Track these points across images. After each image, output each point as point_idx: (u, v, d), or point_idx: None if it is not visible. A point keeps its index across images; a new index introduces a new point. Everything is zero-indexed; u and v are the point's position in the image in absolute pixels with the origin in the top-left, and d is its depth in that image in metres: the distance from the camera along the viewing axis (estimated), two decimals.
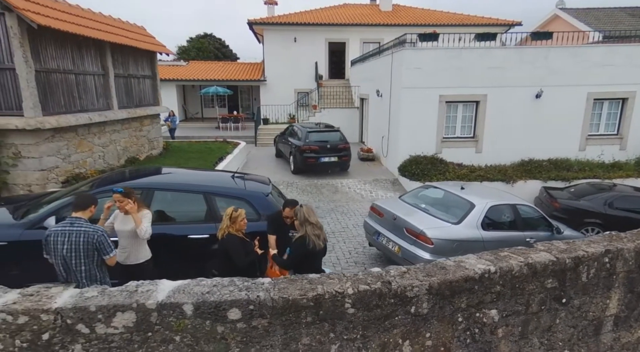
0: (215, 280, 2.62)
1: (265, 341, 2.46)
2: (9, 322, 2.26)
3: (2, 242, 3.49)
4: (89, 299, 2.38)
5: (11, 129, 5.75)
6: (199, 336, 2.41)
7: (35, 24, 5.43)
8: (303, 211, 3.07)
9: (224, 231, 3.07)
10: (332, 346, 2.53)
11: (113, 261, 2.75)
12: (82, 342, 2.34)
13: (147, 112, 9.31)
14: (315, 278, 2.66)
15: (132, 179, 4.22)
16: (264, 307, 2.40)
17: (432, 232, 4.37)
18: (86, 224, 2.65)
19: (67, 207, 3.67)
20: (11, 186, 6.10)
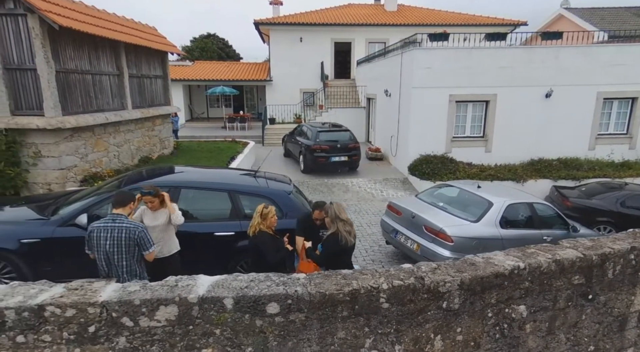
0: (251, 275, 2.69)
1: (302, 335, 2.52)
2: (57, 315, 2.34)
3: (36, 239, 3.57)
4: (133, 293, 2.45)
5: (32, 128, 5.85)
6: (238, 329, 2.47)
7: (56, 25, 5.52)
8: (334, 208, 3.13)
9: (255, 228, 3.13)
10: (366, 340, 2.59)
11: (152, 256, 2.82)
12: (126, 335, 2.41)
13: (159, 112, 9.40)
14: (348, 274, 2.73)
15: (156, 177, 4.29)
16: (302, 301, 2.46)
17: (452, 230, 4.43)
18: (127, 220, 2.72)
19: (97, 205, 3.75)
20: (31, 185, 6.20)
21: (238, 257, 3.95)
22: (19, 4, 5.54)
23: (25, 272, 3.56)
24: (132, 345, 2.43)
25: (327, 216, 3.14)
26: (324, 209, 3.20)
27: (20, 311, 2.30)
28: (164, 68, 10.08)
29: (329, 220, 3.12)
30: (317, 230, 3.74)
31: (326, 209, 3.17)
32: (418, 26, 21.13)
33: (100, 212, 3.70)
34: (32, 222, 3.72)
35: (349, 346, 2.58)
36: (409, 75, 9.83)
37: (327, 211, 3.15)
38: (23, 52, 5.80)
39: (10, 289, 2.48)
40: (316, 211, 3.62)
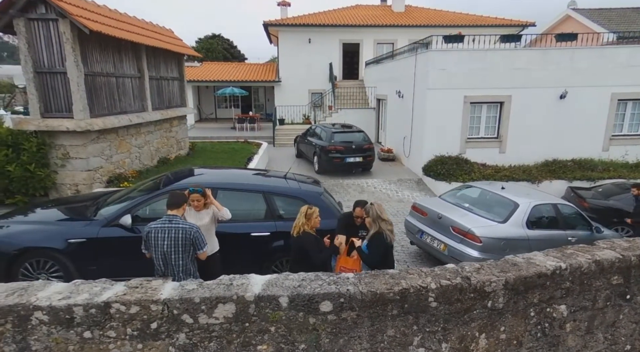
0: (301, 275, 2.77)
1: (353, 332, 2.60)
2: (122, 312, 2.43)
3: (82, 239, 3.68)
4: (192, 291, 2.55)
5: (61, 130, 5.97)
6: (292, 326, 2.56)
7: (87, 29, 5.63)
8: (375, 208, 3.21)
9: (299, 229, 3.21)
10: (414, 338, 2.67)
11: (204, 255, 2.92)
12: (186, 331, 2.50)
13: (177, 114, 9.52)
14: (395, 273, 2.80)
15: (191, 178, 4.39)
16: (354, 300, 2.55)
17: (480, 231, 4.50)
18: (182, 221, 2.82)
19: (139, 206, 3.86)
20: (59, 186, 6.33)
21: (273, 257, 4.04)
22: (51, 9, 5.67)
23: (72, 271, 3.67)
24: (191, 341, 2.53)
25: (367, 216, 3.22)
26: (364, 209, 3.28)
27: (87, 308, 2.40)
28: (180, 70, 10.21)
29: (370, 220, 3.20)
30: (357, 230, 3.83)
31: (367, 209, 3.25)
32: (426, 27, 21.18)
33: (141, 212, 3.81)
34: (78, 223, 3.82)
35: (397, 344, 2.66)
36: (424, 77, 9.89)
37: (367, 211, 3.22)
38: (53, 56, 5.93)
39: (75, 287, 2.58)
40: (357, 208, 3.70)
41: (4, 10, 5.48)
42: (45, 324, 2.38)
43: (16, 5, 5.47)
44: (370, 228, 3.21)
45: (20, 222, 3.94)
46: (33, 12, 5.72)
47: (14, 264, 3.61)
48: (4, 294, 2.45)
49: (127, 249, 3.78)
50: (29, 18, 5.69)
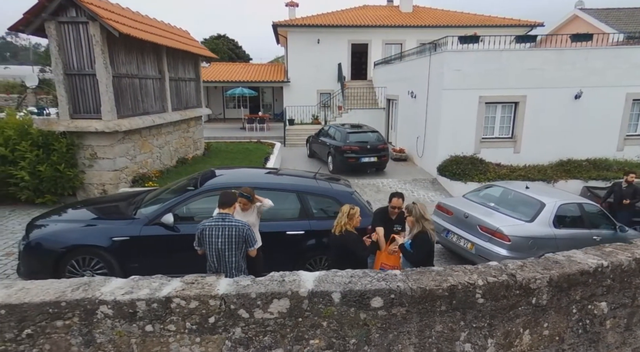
0: (349, 271, 2.85)
1: (402, 328, 2.68)
2: (182, 307, 2.52)
3: (125, 237, 3.78)
4: (247, 286, 2.63)
5: (90, 131, 6.09)
6: (344, 322, 2.64)
7: (117, 32, 5.75)
8: (418, 208, 3.27)
9: (341, 227, 3.29)
10: (461, 333, 2.74)
11: (254, 252, 3.01)
12: (241, 325, 2.59)
13: (194, 114, 9.63)
14: (441, 270, 2.87)
15: (226, 178, 4.48)
16: (404, 296, 2.62)
17: (509, 230, 4.56)
18: (235, 219, 2.91)
19: (178, 205, 3.96)
20: (87, 185, 6.45)
21: (306, 255, 4.13)
22: (82, 12, 5.78)
23: (115, 269, 3.77)
24: (247, 335, 2.61)
25: (410, 216, 3.28)
26: (407, 208, 3.34)
27: (150, 303, 2.48)
28: (196, 71, 10.32)
29: (413, 219, 3.26)
30: (392, 223, 3.93)
31: (410, 208, 3.32)
32: (434, 27, 21.20)
33: (179, 211, 3.91)
34: (122, 222, 3.93)
35: (445, 339, 2.73)
36: (439, 77, 9.94)
37: (410, 210, 3.29)
38: (82, 58, 6.04)
39: (134, 283, 2.67)
40: (394, 198, 3.82)
41: (37, 14, 5.61)
42: (109, 317, 2.48)
43: (48, 8, 5.59)
44: (413, 227, 3.27)
45: (63, 221, 4.05)
46: (64, 15, 5.83)
47: (61, 261, 3.73)
48: (70, 289, 2.54)
49: (167, 246, 3.89)
50: (59, 21, 5.80)
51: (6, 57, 48.81)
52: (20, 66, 43.10)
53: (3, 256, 4.65)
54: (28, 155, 5.84)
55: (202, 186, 4.07)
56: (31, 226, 4.06)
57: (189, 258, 3.84)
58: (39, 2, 5.52)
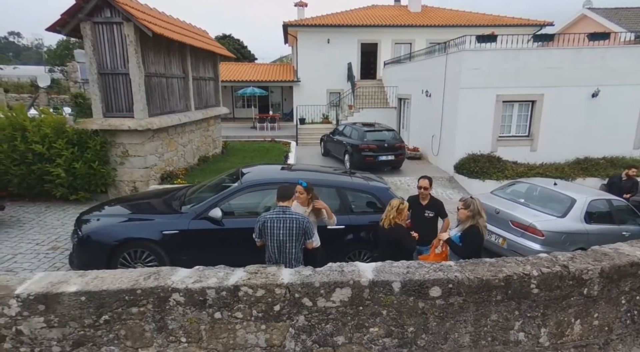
0: (404, 262, 2.94)
1: (459, 317, 2.76)
2: (249, 295, 2.62)
3: (175, 231, 3.90)
4: (310, 276, 2.73)
5: (122, 129, 6.21)
6: (403, 310, 2.73)
7: (150, 32, 5.86)
8: (477, 204, 3.34)
9: (390, 221, 3.37)
10: (516, 323, 2.82)
11: (312, 244, 3.10)
12: (305, 313, 2.69)
13: (215, 113, 9.75)
14: (493, 261, 2.95)
15: (265, 175, 4.59)
16: (462, 286, 2.71)
17: (542, 225, 4.63)
18: (295, 212, 3.00)
19: (223, 200, 4.07)
20: (118, 183, 6.58)
21: (346, 249, 4.22)
22: (116, 12, 5.91)
23: (165, 261, 3.88)
24: (309, 323, 2.71)
25: (466, 209, 3.36)
26: (466, 202, 3.41)
27: (219, 291, 2.59)
28: (215, 70, 10.44)
29: (469, 214, 3.33)
30: (423, 209, 4.10)
31: (468, 202, 3.38)
32: (444, 27, 21.23)
33: (224, 206, 4.01)
34: (171, 216, 4.04)
35: (500, 328, 2.82)
36: (456, 76, 10.00)
37: (469, 205, 3.36)
38: (116, 58, 6.16)
39: (200, 272, 2.77)
40: (421, 179, 4.18)
41: (73, 14, 5.73)
42: (181, 305, 2.58)
43: (84, 9, 5.72)
44: (466, 221, 3.34)
45: (113, 215, 4.17)
46: (99, 15, 5.96)
47: (114, 253, 3.85)
48: (142, 278, 2.65)
49: (212, 240, 4.00)
50: (94, 22, 5.93)
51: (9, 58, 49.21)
52: (29, 66, 43.51)
53: (49, 249, 4.78)
54: (64, 152, 5.96)
55: (245, 182, 4.17)
56: (81, 220, 4.19)
57: (233, 251, 3.95)
58: (76, 3, 5.64)
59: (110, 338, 2.58)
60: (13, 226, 5.46)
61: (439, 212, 4.21)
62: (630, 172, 7.07)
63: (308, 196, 3.42)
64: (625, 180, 7.06)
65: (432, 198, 4.35)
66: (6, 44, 63.55)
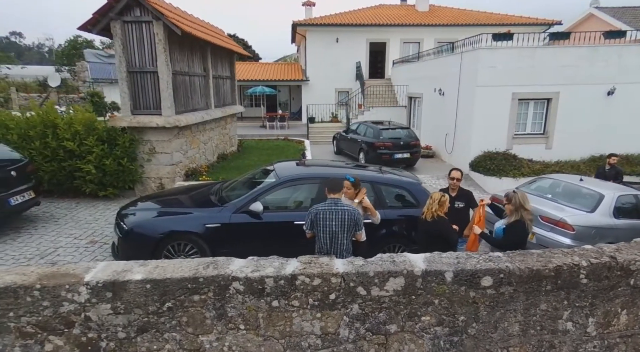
0: (452, 253, 3.00)
1: (509, 306, 2.81)
2: (306, 284, 2.69)
3: (217, 224, 3.98)
4: (363, 266, 2.79)
5: (150, 126, 6.30)
6: (454, 299, 2.79)
7: (179, 30, 5.95)
8: (519, 197, 3.38)
9: (432, 214, 3.43)
10: (564, 312, 2.87)
11: (361, 236, 3.17)
12: (359, 302, 2.75)
13: (232, 111, 9.84)
14: (540, 252, 3.00)
15: (300, 170, 4.67)
16: (513, 276, 2.76)
17: (573, 220, 4.69)
18: (345, 204, 3.07)
19: (262, 195, 4.15)
20: (145, 179, 6.67)
21: (381, 243, 4.29)
22: (146, 11, 5.99)
23: (208, 253, 3.96)
24: (363, 311, 2.77)
25: (509, 203, 3.40)
26: (508, 196, 3.46)
27: (277, 280, 2.66)
28: (231, 69, 10.52)
29: (512, 207, 3.37)
30: (453, 201, 4.14)
31: (510, 196, 3.43)
32: (452, 26, 21.27)
33: (262, 200, 4.10)
34: (213, 209, 4.12)
35: (548, 317, 2.87)
36: (472, 74, 10.03)
37: (510, 198, 3.41)
38: (144, 56, 6.25)
39: (255, 262, 2.84)
40: (453, 171, 4.33)
41: (104, 14, 5.82)
42: (240, 293, 2.65)
43: (115, 8, 5.81)
44: (511, 215, 3.38)
45: (154, 210, 4.27)
46: (129, 14, 6.05)
47: (159, 246, 3.93)
48: (201, 267, 2.72)
49: (251, 233, 4.07)
50: (124, 21, 6.02)
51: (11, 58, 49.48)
52: (34, 66, 43.82)
53: (88, 243, 4.89)
54: (95, 149, 6.06)
55: (283, 177, 4.25)
56: (122, 215, 4.29)
57: (270, 244, 4.03)
58: (107, 2, 5.74)
59: (172, 325, 2.65)
60: (48, 221, 5.57)
61: (468, 203, 4.28)
62: (611, 161, 7.36)
63: (355, 191, 3.49)
64: (609, 169, 7.35)
65: (461, 189, 4.44)
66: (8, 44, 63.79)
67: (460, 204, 4.24)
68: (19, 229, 5.29)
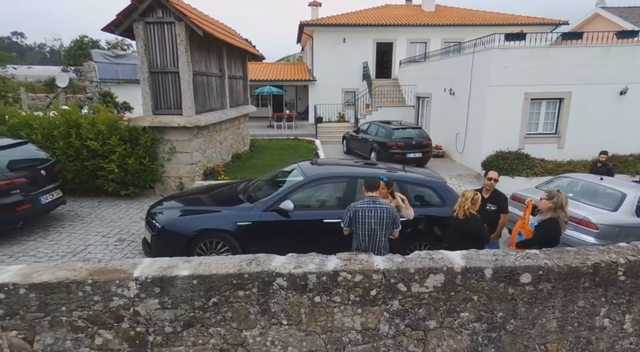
0: (488, 251, 3.04)
1: (547, 302, 2.85)
2: (348, 280, 2.73)
3: (248, 222, 4.03)
4: (403, 263, 2.83)
5: (171, 126, 6.36)
6: (493, 296, 2.82)
7: (201, 31, 6.00)
8: (562, 198, 3.41)
9: (464, 212, 3.47)
10: (601, 309, 2.90)
11: (397, 234, 3.21)
12: (399, 298, 2.79)
13: (246, 111, 9.88)
14: (576, 250, 3.04)
15: (328, 169, 4.73)
16: (551, 272, 2.79)
17: (596, 218, 4.72)
18: (384, 202, 3.11)
19: (291, 193, 4.20)
20: (165, 178, 6.73)
21: (407, 241, 4.32)
22: (168, 12, 6.05)
23: (239, 251, 4.01)
24: (403, 307, 2.81)
25: (549, 200, 3.43)
26: (550, 194, 3.48)
27: (320, 276, 2.70)
28: (244, 69, 10.57)
29: (550, 205, 3.39)
30: (485, 202, 4.13)
31: (552, 194, 3.45)
32: (458, 26, 21.26)
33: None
34: (244, 208, 4.17)
35: (586, 314, 2.90)
36: (484, 74, 10.05)
37: (552, 197, 3.43)
38: (165, 57, 6.31)
39: (295, 259, 2.88)
40: (491, 171, 4.33)
41: (128, 15, 5.89)
42: (283, 289, 2.70)
43: (138, 9, 5.87)
44: (547, 212, 3.41)
45: (183, 208, 4.32)
46: (151, 16, 6.10)
47: (191, 244, 3.99)
48: (244, 263, 2.77)
49: (280, 231, 4.12)
50: (146, 21, 6.08)
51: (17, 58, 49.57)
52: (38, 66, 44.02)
53: (116, 242, 4.95)
54: (118, 149, 6.13)
55: (311, 176, 4.30)
56: (152, 213, 4.35)
57: (299, 242, 4.07)
58: (131, 4, 5.80)
59: (217, 320, 2.70)
60: (74, 220, 5.65)
61: (500, 207, 4.26)
62: (601, 158, 7.63)
63: (388, 190, 3.53)
64: (600, 166, 7.57)
65: (496, 191, 4.41)
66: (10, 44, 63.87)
67: (492, 207, 4.21)
68: (47, 227, 5.36)
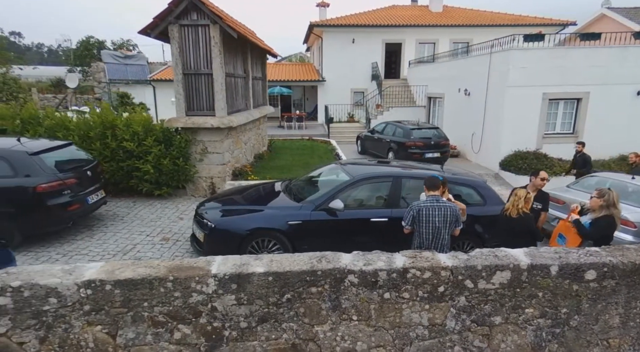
0: (550, 248, 3.09)
1: (610, 299, 2.90)
2: (417, 277, 2.78)
3: (298, 221, 4.09)
4: (469, 260, 2.88)
5: (204, 127, 6.40)
6: (557, 292, 2.87)
7: (235, 33, 6.05)
8: (613, 196, 3.49)
9: (518, 210, 3.53)
10: None
11: (458, 232, 3.27)
12: (466, 294, 2.84)
13: (267, 112, 9.93)
14: (636, 247, 3.10)
15: (371, 169, 4.80)
16: (616, 269, 2.84)
17: (634, 217, 4.77)
18: (446, 200, 3.17)
19: (338, 193, 4.25)
20: (196, 179, 6.79)
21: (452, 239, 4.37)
22: (202, 15, 6.10)
23: (290, 249, 4.07)
24: (470, 303, 2.86)
25: (600, 198, 3.50)
26: (601, 192, 3.55)
27: (390, 273, 2.75)
28: (263, 70, 10.62)
29: (602, 203, 3.47)
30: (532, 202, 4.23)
31: (603, 192, 3.53)
32: (466, 27, 21.30)
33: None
34: (294, 207, 4.24)
35: None
36: (503, 75, 10.10)
37: (603, 195, 3.50)
38: (199, 59, 6.36)
39: (362, 256, 2.94)
40: (542, 171, 4.39)
41: (164, 18, 5.94)
42: (354, 285, 2.75)
43: (174, 12, 5.92)
44: (600, 210, 3.48)
45: (233, 207, 4.39)
46: (185, 18, 6.16)
47: (244, 242, 4.04)
48: (315, 260, 2.82)
49: (329, 229, 4.18)
50: (181, 24, 6.13)
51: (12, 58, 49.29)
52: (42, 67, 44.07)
53: (161, 241, 5.00)
54: (153, 149, 6.18)
55: (357, 176, 4.36)
56: (202, 212, 4.41)
57: (347, 240, 4.13)
58: (167, 7, 5.86)
59: (290, 315, 2.75)
60: (115, 219, 5.70)
61: (544, 205, 4.33)
62: (578, 148, 7.60)
63: (443, 189, 3.59)
64: (579, 156, 7.59)
65: (540, 191, 4.47)
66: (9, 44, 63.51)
67: (538, 205, 4.29)
68: (91, 227, 5.42)
